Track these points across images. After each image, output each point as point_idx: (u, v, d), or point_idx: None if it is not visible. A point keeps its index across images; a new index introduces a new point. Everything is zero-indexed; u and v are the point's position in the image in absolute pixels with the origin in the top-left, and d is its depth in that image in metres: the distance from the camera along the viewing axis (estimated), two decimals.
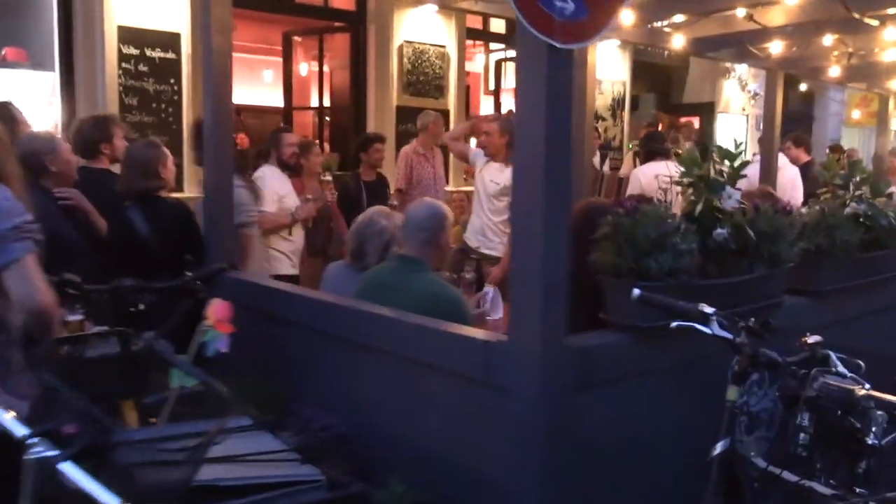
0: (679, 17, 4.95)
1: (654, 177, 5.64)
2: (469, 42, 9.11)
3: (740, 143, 2.49)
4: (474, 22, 8.76)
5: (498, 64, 10.43)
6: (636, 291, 1.91)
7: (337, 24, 8.00)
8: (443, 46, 8.23)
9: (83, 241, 3.44)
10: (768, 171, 6.41)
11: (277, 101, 8.70)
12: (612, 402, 2.10)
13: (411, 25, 7.95)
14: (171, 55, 6.40)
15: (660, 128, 8.55)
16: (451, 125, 8.52)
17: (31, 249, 2.04)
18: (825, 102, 13.99)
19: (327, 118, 8.45)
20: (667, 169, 5.63)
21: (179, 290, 2.90)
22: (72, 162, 3.42)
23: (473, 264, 4.83)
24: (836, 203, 3.07)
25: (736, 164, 2.37)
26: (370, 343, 2.46)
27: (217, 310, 2.57)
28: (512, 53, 10.05)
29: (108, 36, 6.04)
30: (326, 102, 8.40)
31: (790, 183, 6.53)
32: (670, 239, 2.11)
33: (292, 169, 4.82)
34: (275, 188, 4.53)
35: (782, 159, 6.69)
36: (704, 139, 11.27)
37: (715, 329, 1.91)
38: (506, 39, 9.81)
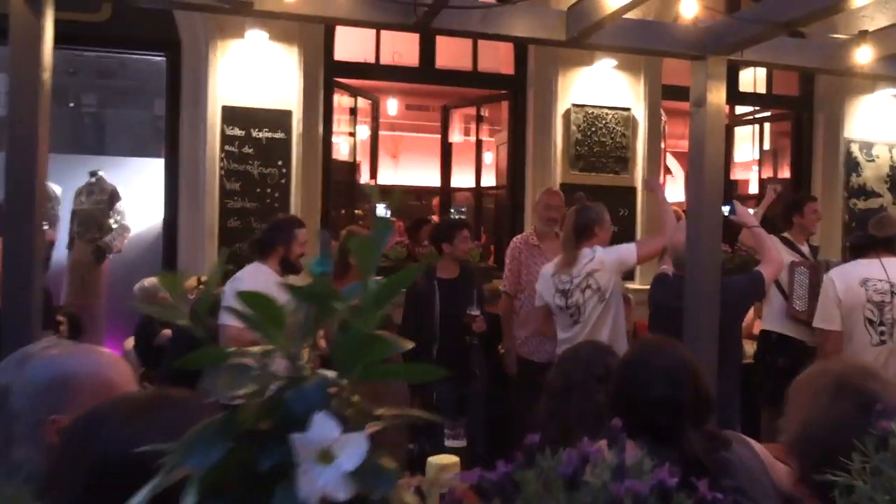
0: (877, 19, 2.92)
1: (861, 283, 3.49)
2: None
3: None
4: (674, 77, 6.96)
5: (728, 130, 8.35)
6: None
7: (496, 91, 6.87)
8: (626, 109, 6.60)
9: None
10: None
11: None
12: None
13: (582, 86, 6.49)
14: (279, 135, 5.78)
15: None
16: (638, 203, 6.79)
17: None
18: None
19: (485, 200, 7.25)
20: (882, 271, 3.49)
21: None
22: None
23: None
24: None
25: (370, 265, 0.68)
26: None
27: None
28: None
29: (210, 118, 5.60)
30: (487, 182, 7.21)
31: None
32: None
33: (295, 271, 3.74)
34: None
35: None
36: None
37: None
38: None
